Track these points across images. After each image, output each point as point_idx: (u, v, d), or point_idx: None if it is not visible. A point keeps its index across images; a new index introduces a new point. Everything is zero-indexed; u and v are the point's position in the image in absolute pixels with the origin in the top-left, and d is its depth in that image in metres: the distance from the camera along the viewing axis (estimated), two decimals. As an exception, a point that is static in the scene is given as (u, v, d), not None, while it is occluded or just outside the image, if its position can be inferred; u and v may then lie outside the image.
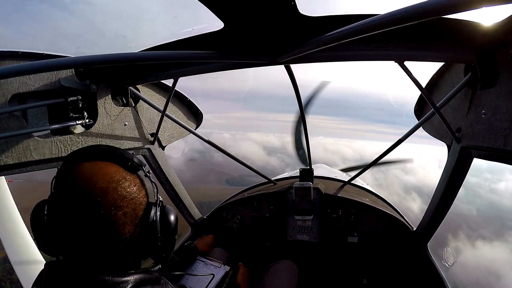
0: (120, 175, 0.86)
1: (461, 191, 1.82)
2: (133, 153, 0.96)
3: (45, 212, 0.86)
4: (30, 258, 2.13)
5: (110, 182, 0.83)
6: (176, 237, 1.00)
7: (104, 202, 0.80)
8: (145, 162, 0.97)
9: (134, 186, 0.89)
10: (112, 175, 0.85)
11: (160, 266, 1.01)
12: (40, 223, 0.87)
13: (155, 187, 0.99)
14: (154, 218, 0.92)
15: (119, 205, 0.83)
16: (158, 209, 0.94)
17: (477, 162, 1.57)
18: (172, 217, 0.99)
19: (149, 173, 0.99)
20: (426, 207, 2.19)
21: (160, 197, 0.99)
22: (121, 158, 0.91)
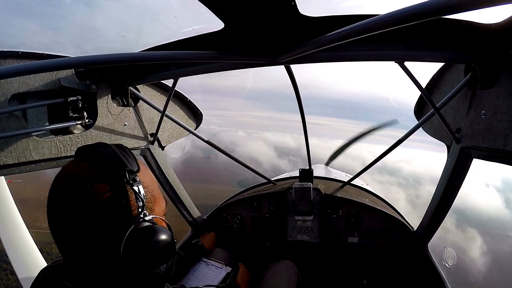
0: (88, 180, 0.73)
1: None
2: (128, 156, 0.82)
3: None
4: (30, 258, 2.13)
5: (77, 186, 0.73)
6: (160, 270, 0.77)
7: (65, 206, 0.73)
8: (136, 167, 0.82)
9: (103, 194, 0.73)
10: (82, 178, 0.74)
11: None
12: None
13: (140, 200, 0.76)
14: (121, 243, 0.73)
15: (78, 212, 0.72)
16: (131, 228, 0.73)
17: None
18: (154, 242, 0.74)
19: (134, 182, 0.77)
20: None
21: (149, 216, 0.78)
22: (98, 160, 0.77)
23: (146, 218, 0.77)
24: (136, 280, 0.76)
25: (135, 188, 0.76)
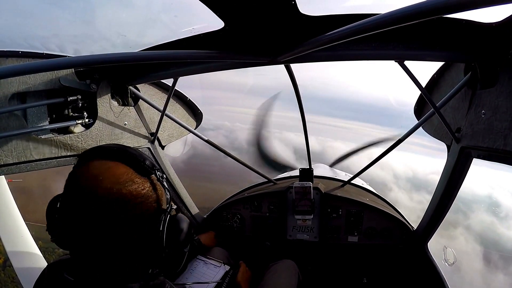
0: (127, 177, 0.81)
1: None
2: (146, 155, 0.91)
3: (58, 207, 0.86)
4: (31, 258, 2.13)
5: (115, 183, 0.78)
6: (186, 249, 0.94)
7: (107, 204, 0.77)
8: (157, 165, 0.92)
9: (142, 190, 0.83)
10: (119, 176, 0.80)
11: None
12: (52, 218, 0.87)
13: (167, 193, 0.92)
14: (161, 227, 0.85)
15: (122, 207, 0.78)
16: (167, 217, 0.87)
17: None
18: (182, 228, 0.92)
19: (162, 178, 0.91)
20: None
21: (173, 205, 0.93)
22: (132, 159, 0.85)
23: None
24: (173, 260, 0.91)
25: (164, 183, 0.91)
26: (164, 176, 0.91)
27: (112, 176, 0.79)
